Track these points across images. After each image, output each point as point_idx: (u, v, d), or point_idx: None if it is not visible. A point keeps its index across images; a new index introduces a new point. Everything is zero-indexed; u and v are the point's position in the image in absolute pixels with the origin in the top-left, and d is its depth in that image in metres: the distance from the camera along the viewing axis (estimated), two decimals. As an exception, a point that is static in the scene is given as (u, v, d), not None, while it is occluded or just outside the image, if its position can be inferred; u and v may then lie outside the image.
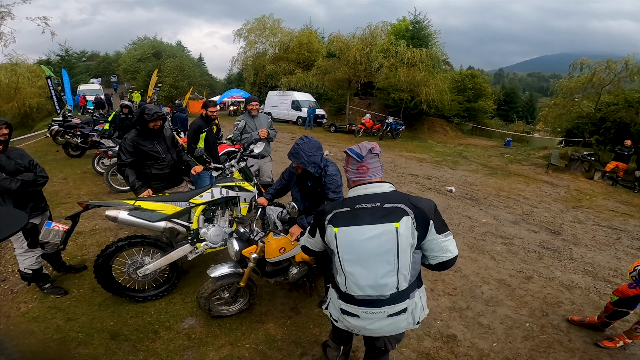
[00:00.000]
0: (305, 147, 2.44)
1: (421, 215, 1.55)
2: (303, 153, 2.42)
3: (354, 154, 1.67)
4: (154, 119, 3.22)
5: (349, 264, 1.59)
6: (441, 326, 2.97)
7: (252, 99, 4.69)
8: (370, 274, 1.56)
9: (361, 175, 1.67)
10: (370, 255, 1.55)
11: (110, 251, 2.82)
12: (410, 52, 16.01)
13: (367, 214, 1.56)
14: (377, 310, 1.61)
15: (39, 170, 2.89)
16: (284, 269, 2.74)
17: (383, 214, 1.54)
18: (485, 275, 3.81)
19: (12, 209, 0.82)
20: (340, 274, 1.66)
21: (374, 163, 1.68)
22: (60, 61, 26.75)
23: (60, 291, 3.09)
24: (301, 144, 2.46)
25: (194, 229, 3.14)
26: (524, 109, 40.32)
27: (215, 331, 2.74)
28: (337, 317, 1.77)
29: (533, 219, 5.76)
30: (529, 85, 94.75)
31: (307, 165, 2.44)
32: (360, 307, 1.63)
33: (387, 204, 1.56)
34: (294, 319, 2.95)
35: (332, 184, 2.57)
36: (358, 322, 1.67)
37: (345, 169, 1.77)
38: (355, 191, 1.68)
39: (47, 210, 3.08)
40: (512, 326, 3.01)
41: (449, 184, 7.72)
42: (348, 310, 1.68)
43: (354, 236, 1.56)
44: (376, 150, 1.67)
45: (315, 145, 2.49)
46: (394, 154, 11.79)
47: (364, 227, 1.54)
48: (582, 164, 10.23)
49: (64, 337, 2.57)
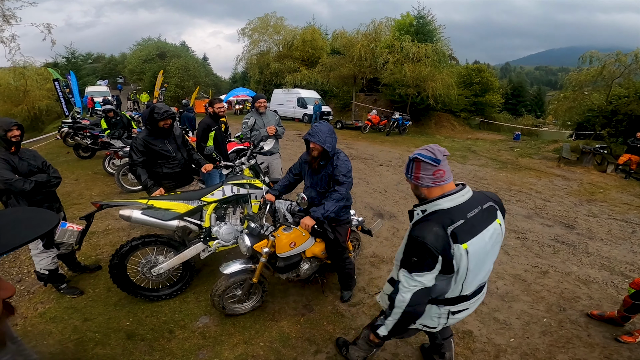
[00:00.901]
0: (323, 128, 2.57)
1: (501, 206, 1.73)
2: (321, 132, 2.53)
3: (428, 159, 1.53)
4: (164, 118, 3.23)
5: (472, 273, 1.57)
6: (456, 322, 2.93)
7: (260, 97, 4.72)
8: (483, 271, 1.66)
9: (439, 180, 1.55)
10: (487, 256, 1.63)
11: (125, 251, 2.85)
12: (416, 47, 15.84)
13: (478, 219, 1.57)
14: (480, 293, 1.77)
15: (52, 171, 2.91)
16: (295, 264, 2.73)
17: (486, 215, 1.61)
18: (500, 271, 3.76)
19: (43, 210, 0.80)
20: (456, 286, 1.60)
21: (447, 165, 1.59)
22: (66, 63, 27.02)
23: (76, 291, 3.13)
24: (319, 126, 2.59)
25: (206, 227, 3.15)
26: (532, 102, 39.74)
27: (230, 329, 2.75)
28: (438, 323, 1.75)
29: (546, 213, 5.67)
30: (536, 79, 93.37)
31: (324, 144, 2.52)
32: (470, 299, 1.71)
33: (484, 204, 1.63)
34: (307, 316, 2.94)
35: (343, 168, 2.62)
36: (467, 312, 1.76)
37: (416, 176, 1.59)
38: (451, 201, 1.54)
39: (61, 211, 3.11)
40: (529, 321, 2.97)
41: (458, 179, 7.50)
42: (459, 309, 1.71)
43: (480, 244, 1.55)
44: (447, 152, 1.60)
45: (330, 128, 2.62)
46: (401, 149, 11.70)
47: (483, 233, 1.56)
48: (595, 157, 10.08)
49: (82, 337, 2.60)
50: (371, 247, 4.20)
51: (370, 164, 8.99)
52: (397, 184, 7.09)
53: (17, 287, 3.24)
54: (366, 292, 3.30)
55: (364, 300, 3.18)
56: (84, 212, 3.07)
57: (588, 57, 13.88)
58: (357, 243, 3.66)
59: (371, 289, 3.36)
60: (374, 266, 3.79)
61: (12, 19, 11.36)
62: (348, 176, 2.63)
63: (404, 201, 6.00)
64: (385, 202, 5.90)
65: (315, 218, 2.55)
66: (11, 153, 2.73)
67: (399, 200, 6.06)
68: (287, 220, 2.63)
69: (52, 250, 2.98)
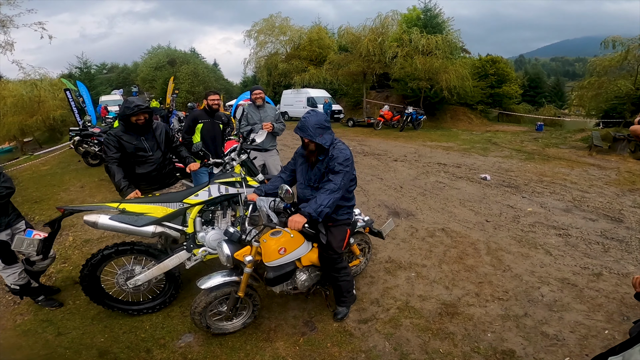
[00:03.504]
0: (311, 120, 2.23)
1: None
2: (309, 126, 2.21)
3: None
4: (135, 113, 2.82)
5: None
6: (493, 339, 2.39)
7: (256, 88, 4.31)
8: None
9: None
10: None
11: (96, 260, 2.54)
12: (425, 38, 15.23)
13: None
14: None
15: (1, 180, 2.50)
16: (288, 274, 2.28)
17: None
18: (543, 274, 3.16)
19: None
20: None
21: None
22: (80, 74, 27.56)
23: (54, 304, 2.92)
24: (308, 117, 2.27)
25: (189, 233, 2.74)
26: (552, 93, 38.26)
27: (215, 351, 2.34)
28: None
29: (587, 206, 4.97)
30: (553, 70, 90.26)
31: (314, 138, 2.20)
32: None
33: None
34: (309, 336, 2.47)
35: (340, 156, 2.25)
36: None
37: None
38: None
39: (16, 224, 2.66)
40: (586, 335, 2.40)
41: (481, 172, 6.96)
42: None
43: None
44: None
45: (320, 118, 2.27)
46: (416, 144, 11.08)
47: None
48: (629, 144, 9.27)
49: (51, 353, 2.41)
50: (386, 250, 3.67)
51: (383, 159, 8.42)
52: (414, 179, 6.50)
53: (5, 297, 3.10)
54: (380, 305, 2.78)
55: (377, 315, 2.67)
56: (82, 220, 2.77)
57: (610, 42, 13.40)
58: (367, 247, 3.14)
59: (386, 300, 2.83)
60: (390, 273, 3.25)
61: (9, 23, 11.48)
62: (345, 165, 2.23)
63: (422, 198, 5.42)
64: (402, 200, 5.34)
65: (307, 214, 2.06)
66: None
67: (417, 196, 5.48)
68: (272, 220, 2.16)
69: (15, 266, 2.69)
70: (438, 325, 2.55)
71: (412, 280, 3.13)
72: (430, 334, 2.46)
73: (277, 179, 2.56)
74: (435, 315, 2.65)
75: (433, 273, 3.24)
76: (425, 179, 6.54)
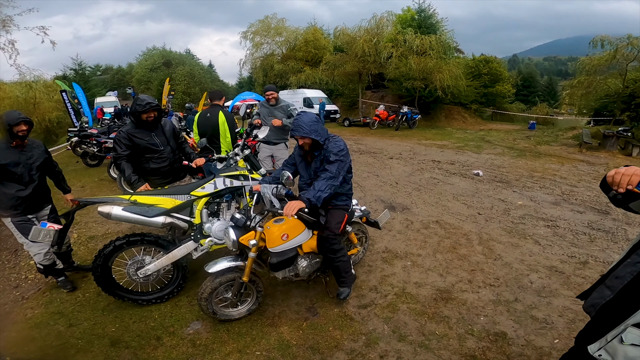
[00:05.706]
0: (305, 119, 2.39)
1: None
2: (304, 124, 2.36)
3: None
4: (146, 110, 2.96)
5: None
6: (486, 322, 2.53)
7: (268, 88, 4.57)
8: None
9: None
10: None
11: (108, 251, 2.63)
12: (419, 39, 15.47)
13: None
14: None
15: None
16: (290, 260, 2.42)
17: None
18: (532, 262, 3.32)
19: None
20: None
21: None
22: (75, 75, 27.44)
23: (68, 285, 3.07)
24: (300, 117, 2.42)
25: (197, 224, 2.86)
26: (545, 92, 38.74)
27: (223, 336, 2.44)
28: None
29: (575, 199, 5.17)
30: (546, 69, 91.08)
31: (311, 134, 2.34)
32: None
33: None
34: (311, 320, 2.59)
35: (334, 147, 2.41)
36: None
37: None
38: None
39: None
40: (574, 319, 2.53)
41: (474, 168, 7.15)
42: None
43: None
44: None
45: (313, 117, 2.44)
46: (412, 142, 11.27)
47: None
48: (618, 140, 9.60)
49: (64, 344, 2.45)
50: (383, 241, 3.82)
51: (379, 157, 8.59)
52: (409, 175, 6.67)
53: (13, 293, 3.16)
54: (378, 292, 2.92)
55: (376, 301, 2.80)
56: (85, 217, 2.86)
57: (599, 41, 13.56)
58: (364, 236, 3.29)
59: (384, 287, 2.98)
60: (387, 262, 3.40)
61: (10, 23, 11.39)
62: (340, 155, 2.39)
63: (417, 192, 5.59)
64: (397, 195, 5.50)
65: (306, 200, 2.21)
66: None
67: (412, 192, 5.65)
68: (274, 206, 2.29)
69: (39, 243, 2.79)
70: (433, 309, 2.68)
71: (408, 268, 3.28)
72: (426, 318, 2.59)
73: (279, 171, 2.68)
74: (431, 301, 2.79)
75: (428, 262, 3.39)
76: (420, 175, 6.72)
